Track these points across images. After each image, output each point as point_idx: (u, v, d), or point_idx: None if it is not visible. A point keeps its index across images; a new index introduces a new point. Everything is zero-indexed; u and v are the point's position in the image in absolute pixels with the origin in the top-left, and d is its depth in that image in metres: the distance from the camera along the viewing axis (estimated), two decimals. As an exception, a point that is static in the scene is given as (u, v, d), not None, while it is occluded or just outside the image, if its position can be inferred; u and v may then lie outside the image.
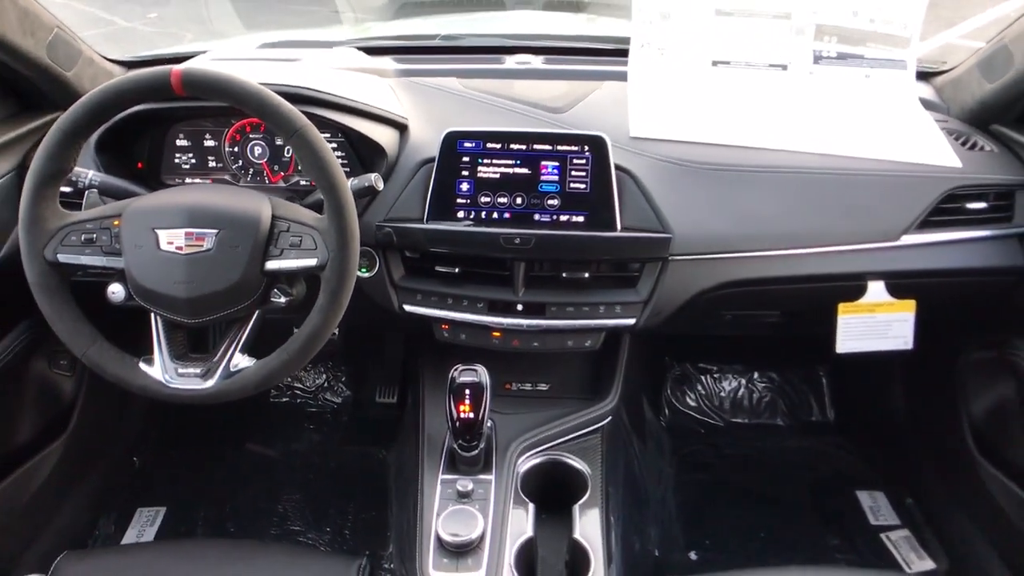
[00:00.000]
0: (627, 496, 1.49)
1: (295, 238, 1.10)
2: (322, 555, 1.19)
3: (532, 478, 1.26)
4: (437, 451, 1.28)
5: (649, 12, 1.54)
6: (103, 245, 1.10)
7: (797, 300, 1.39)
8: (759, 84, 1.52)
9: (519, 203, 1.28)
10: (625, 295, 1.30)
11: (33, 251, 1.08)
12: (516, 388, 1.43)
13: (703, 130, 1.38)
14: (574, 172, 1.27)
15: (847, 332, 1.34)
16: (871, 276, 1.31)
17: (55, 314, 1.10)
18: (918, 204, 1.29)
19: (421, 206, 1.29)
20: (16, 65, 1.27)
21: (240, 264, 1.08)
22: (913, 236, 1.29)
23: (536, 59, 1.64)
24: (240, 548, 1.22)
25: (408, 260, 1.34)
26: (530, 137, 1.27)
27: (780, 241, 1.28)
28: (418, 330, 1.40)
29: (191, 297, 1.08)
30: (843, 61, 1.53)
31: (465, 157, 1.28)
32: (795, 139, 1.37)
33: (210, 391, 1.12)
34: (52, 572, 1.10)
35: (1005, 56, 1.31)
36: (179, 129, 1.38)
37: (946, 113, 1.49)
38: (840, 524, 1.74)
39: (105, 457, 1.76)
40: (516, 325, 1.31)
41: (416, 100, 1.43)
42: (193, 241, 1.08)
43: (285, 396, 2.14)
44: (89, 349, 1.11)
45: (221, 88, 1.05)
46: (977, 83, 1.40)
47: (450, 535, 1.10)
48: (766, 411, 2.08)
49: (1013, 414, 1.45)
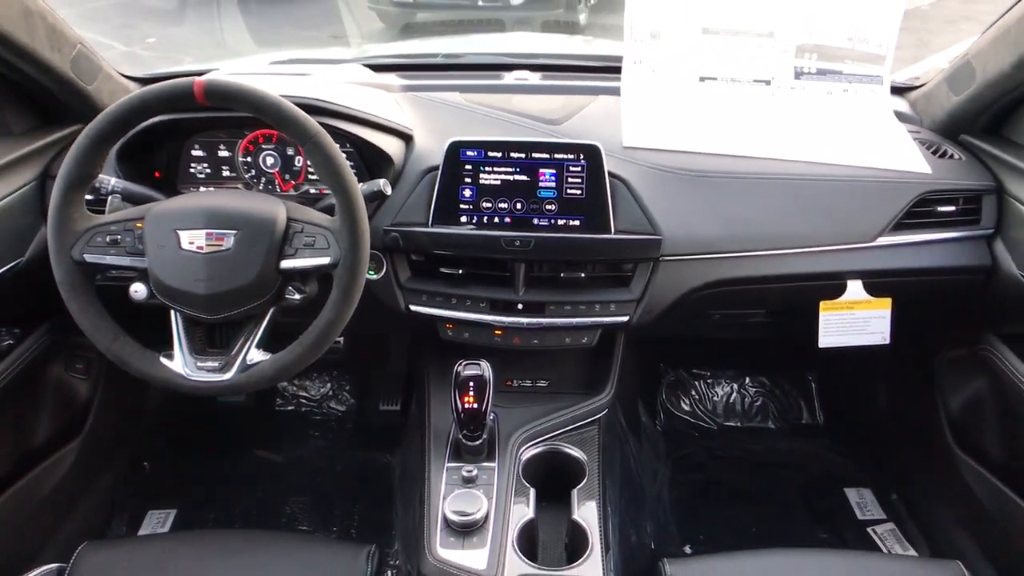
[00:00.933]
0: (623, 490, 1.55)
1: (309, 238, 1.17)
2: (332, 544, 1.25)
3: (533, 466, 1.33)
4: (443, 442, 1.34)
5: (640, 32, 1.64)
6: (127, 246, 1.17)
7: (781, 299, 1.47)
8: (744, 98, 1.61)
9: (519, 208, 1.36)
10: (619, 294, 1.37)
11: (61, 251, 1.15)
12: (517, 384, 1.49)
13: (692, 140, 1.47)
14: (570, 179, 1.35)
15: (828, 328, 1.42)
16: (849, 275, 1.39)
17: (81, 311, 1.16)
18: (892, 207, 1.38)
19: (426, 211, 1.37)
20: (42, 78, 1.34)
21: (257, 263, 1.15)
22: (888, 237, 1.38)
23: (533, 75, 1.73)
24: (253, 538, 1.27)
25: (414, 263, 1.41)
26: (529, 146, 1.35)
27: (764, 242, 1.36)
28: (423, 330, 1.47)
29: (210, 294, 1.15)
30: (823, 77, 1.62)
31: (468, 165, 1.36)
32: (778, 148, 1.46)
33: (228, 383, 1.18)
34: (73, 561, 1.15)
35: (968, 71, 1.40)
36: (195, 140, 1.46)
37: (919, 125, 1.59)
38: (829, 519, 1.80)
39: (118, 459, 1.82)
40: (517, 323, 1.38)
41: (420, 112, 1.51)
42: (213, 241, 1.15)
43: (291, 405, 2.20)
44: (113, 344, 1.18)
45: (241, 97, 1.13)
46: (945, 96, 1.50)
47: (456, 515, 1.16)
48: (758, 415, 2.15)
49: (988, 408, 1.53)
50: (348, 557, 1.19)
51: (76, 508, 1.67)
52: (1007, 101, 1.38)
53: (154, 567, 1.16)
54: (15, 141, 1.39)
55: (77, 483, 1.66)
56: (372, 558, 1.19)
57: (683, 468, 1.96)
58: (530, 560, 1.16)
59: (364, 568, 1.17)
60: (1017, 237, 1.37)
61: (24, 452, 1.53)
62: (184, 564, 1.17)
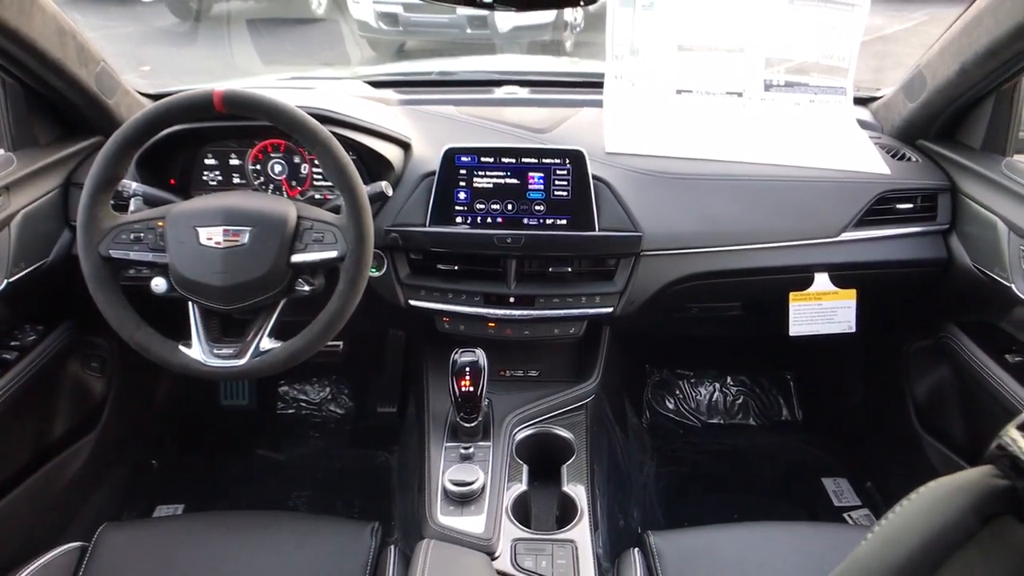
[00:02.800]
0: (611, 477, 1.64)
1: (318, 234, 1.27)
2: (338, 522, 1.33)
3: (525, 446, 1.42)
4: (441, 425, 1.43)
5: (620, 49, 1.76)
6: (149, 243, 1.27)
7: (753, 292, 1.58)
8: (718, 108, 1.73)
9: (510, 209, 1.47)
10: (604, 287, 1.48)
11: (89, 247, 1.25)
12: (510, 374, 1.59)
13: (669, 146, 1.59)
14: (557, 182, 1.47)
15: (798, 317, 1.53)
16: (816, 268, 1.51)
17: (107, 302, 1.26)
18: (855, 205, 1.50)
19: (424, 213, 1.47)
20: (69, 92, 1.45)
21: (270, 257, 1.25)
22: (851, 233, 1.50)
23: (522, 90, 1.85)
24: (264, 518, 1.35)
25: (413, 261, 1.52)
26: (519, 152, 1.47)
27: (736, 238, 1.48)
28: (421, 325, 1.57)
29: (227, 286, 1.25)
30: (791, 88, 1.75)
31: (462, 170, 1.47)
32: (749, 152, 1.58)
33: (243, 367, 1.27)
34: (95, 540, 1.23)
35: (921, 80, 1.53)
36: (208, 149, 1.56)
37: (879, 131, 1.71)
38: (807, 506, 1.90)
39: (129, 455, 1.90)
40: (509, 315, 1.49)
41: (417, 123, 1.63)
42: (230, 237, 1.25)
43: (291, 408, 2.28)
44: (136, 333, 1.27)
45: (257, 106, 1.24)
46: (902, 104, 1.62)
47: (455, 485, 1.25)
48: (739, 412, 2.25)
49: (950, 393, 1.64)
50: (353, 533, 1.28)
51: (92, 497, 1.74)
52: (956, 107, 1.51)
53: (172, 545, 1.24)
54: (41, 151, 1.49)
55: (92, 473, 1.74)
56: (376, 533, 1.28)
57: (668, 461, 2.05)
58: (524, 527, 1.25)
59: (369, 543, 1.25)
60: (970, 232, 1.49)
61: (44, 443, 1.61)
62: (200, 542, 1.25)
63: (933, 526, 0.43)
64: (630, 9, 1.72)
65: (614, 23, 1.72)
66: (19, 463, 1.53)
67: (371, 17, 6.00)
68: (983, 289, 1.44)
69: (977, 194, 1.46)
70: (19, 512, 1.50)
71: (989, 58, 1.30)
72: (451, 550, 1.16)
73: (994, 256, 1.39)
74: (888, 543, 0.45)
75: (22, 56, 1.31)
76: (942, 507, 0.44)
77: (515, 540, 1.21)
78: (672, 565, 1.23)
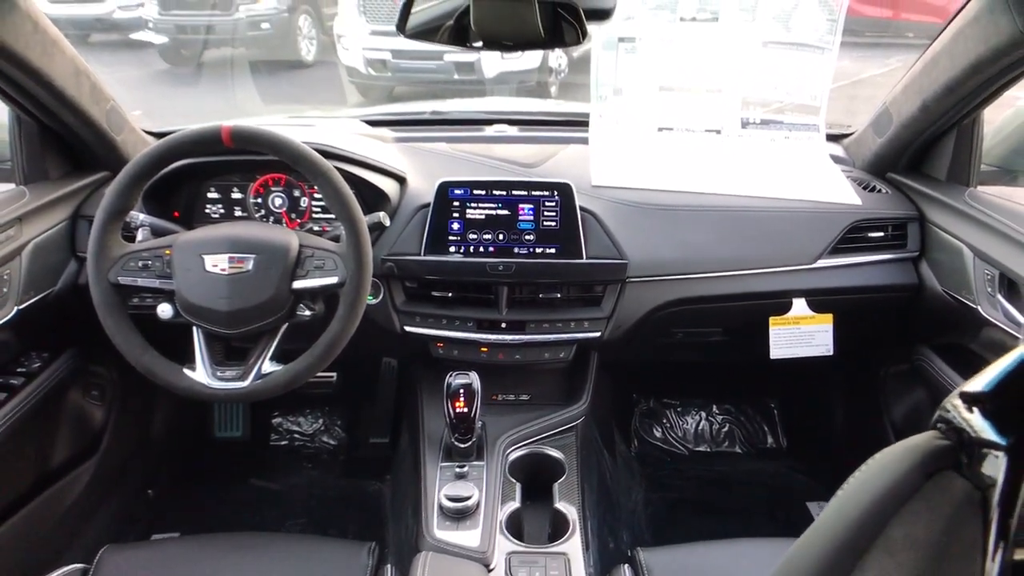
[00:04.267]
0: (601, 500, 1.68)
1: (319, 261, 1.33)
2: (336, 542, 1.36)
3: (518, 466, 1.47)
4: (436, 446, 1.48)
5: (604, 89, 1.86)
6: (156, 270, 1.33)
7: (735, 316, 1.65)
8: (697, 145, 1.82)
9: (501, 239, 1.54)
10: (591, 312, 1.55)
11: (99, 274, 1.30)
12: (501, 398, 1.64)
13: (652, 179, 1.67)
14: (546, 212, 1.54)
15: (778, 341, 1.59)
16: (794, 293, 1.58)
17: (115, 327, 1.31)
18: (829, 233, 1.58)
19: (419, 243, 1.54)
20: (81, 129, 1.52)
21: (273, 283, 1.30)
22: (826, 260, 1.57)
23: (511, 128, 1.94)
24: (264, 538, 1.39)
25: (408, 288, 1.58)
26: (509, 185, 1.54)
27: (717, 265, 1.55)
28: (416, 351, 1.62)
29: (231, 311, 1.30)
30: (766, 126, 1.84)
31: (455, 202, 1.55)
32: (727, 185, 1.66)
33: (246, 390, 1.32)
34: (96, 562, 1.25)
35: (887, 116, 1.63)
36: (211, 183, 1.63)
37: (851, 166, 1.80)
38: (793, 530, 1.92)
39: (127, 482, 1.92)
40: (501, 340, 1.55)
41: (412, 159, 1.70)
42: (235, 264, 1.31)
43: (284, 440, 2.31)
44: (142, 357, 1.32)
45: (262, 140, 1.31)
46: (872, 139, 1.72)
47: (450, 500, 1.29)
48: (725, 440, 2.30)
49: (926, 414, 1.69)
50: (351, 552, 1.31)
51: (91, 523, 1.76)
52: (922, 141, 1.60)
53: (173, 565, 1.27)
54: (51, 185, 1.56)
55: (92, 499, 1.76)
56: (373, 552, 1.31)
57: (656, 487, 2.09)
58: (518, 541, 1.29)
59: (366, 562, 1.29)
60: (938, 258, 1.57)
61: (46, 467, 1.64)
62: (200, 563, 1.28)
63: (885, 483, 0.49)
64: (613, 52, 1.82)
65: (598, 66, 1.82)
66: (22, 486, 1.56)
67: (360, 63, 6.16)
68: (953, 312, 1.51)
69: (944, 223, 1.55)
70: (20, 535, 1.52)
71: (948, 94, 1.40)
72: (448, 561, 1.20)
73: (961, 280, 1.47)
74: (845, 502, 0.51)
75: (41, 94, 1.38)
76: (892, 467, 0.50)
77: (509, 553, 1.25)
78: None
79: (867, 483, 0.50)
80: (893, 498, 0.48)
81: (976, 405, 0.50)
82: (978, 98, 1.40)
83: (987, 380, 0.50)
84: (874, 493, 0.49)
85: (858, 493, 0.51)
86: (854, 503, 0.51)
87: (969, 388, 0.51)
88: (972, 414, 0.50)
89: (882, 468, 0.50)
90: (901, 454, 0.50)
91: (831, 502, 0.53)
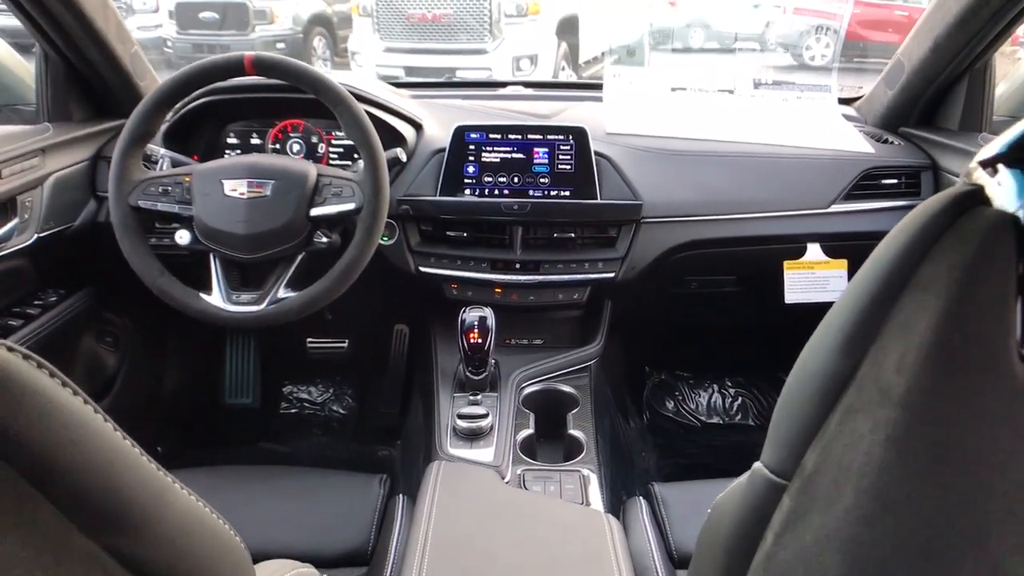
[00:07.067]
0: (614, 454, 1.67)
1: (336, 189, 1.35)
2: (347, 475, 1.35)
3: (531, 399, 1.46)
4: (449, 379, 1.47)
5: (618, 51, 1.89)
6: (176, 195, 1.35)
7: (749, 263, 1.65)
8: (711, 102, 1.84)
9: (516, 181, 1.55)
10: (606, 253, 1.55)
11: (119, 197, 1.32)
12: (515, 343, 1.63)
13: (667, 128, 1.69)
14: (561, 156, 1.56)
15: (792, 285, 1.59)
16: (809, 238, 1.58)
17: (132, 250, 1.32)
18: (842, 180, 1.58)
19: (434, 186, 1.56)
20: (105, 68, 1.55)
21: (291, 208, 1.32)
22: (840, 205, 1.58)
23: (527, 90, 1.97)
24: (276, 470, 1.38)
25: (423, 231, 1.59)
26: (525, 129, 1.56)
27: (731, 207, 1.56)
28: (430, 293, 1.63)
29: (249, 234, 1.31)
30: (778, 86, 1.87)
31: (471, 146, 1.56)
32: (742, 134, 1.68)
33: (260, 314, 1.33)
34: None
35: (899, 67, 1.64)
36: (230, 129, 1.66)
37: (863, 123, 1.82)
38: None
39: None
40: (515, 280, 1.55)
41: (429, 110, 1.73)
42: (254, 188, 1.32)
43: (294, 408, 2.30)
44: (159, 279, 1.33)
45: (284, 69, 1.33)
46: (883, 93, 1.73)
47: (464, 420, 1.29)
48: (739, 413, 2.28)
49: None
50: (362, 483, 1.31)
51: None
52: (934, 90, 1.61)
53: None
54: (74, 126, 1.58)
55: None
56: (384, 484, 1.31)
57: (670, 455, 2.06)
58: (532, 460, 1.28)
59: (377, 492, 1.28)
60: (952, 207, 1.57)
61: None
62: (212, 493, 1.27)
63: (916, 227, 0.49)
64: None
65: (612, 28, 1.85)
66: None
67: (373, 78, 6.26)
68: None
69: (957, 169, 1.55)
70: None
71: (959, 29, 1.41)
72: (461, 467, 1.19)
73: None
74: (879, 253, 0.52)
75: (70, 23, 1.41)
76: (922, 213, 0.50)
77: (524, 470, 1.24)
78: (677, 512, 1.25)
79: (899, 231, 0.51)
80: (925, 238, 0.49)
81: (996, 164, 0.50)
82: (990, 34, 1.41)
83: (1003, 143, 0.50)
84: (906, 238, 0.50)
85: (890, 241, 0.51)
86: (886, 251, 0.51)
87: (985, 155, 0.52)
88: (994, 172, 0.50)
89: (912, 217, 0.50)
90: (930, 202, 0.50)
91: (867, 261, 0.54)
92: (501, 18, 6.12)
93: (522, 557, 0.91)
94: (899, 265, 0.49)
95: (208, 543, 0.46)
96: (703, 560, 0.74)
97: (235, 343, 2.21)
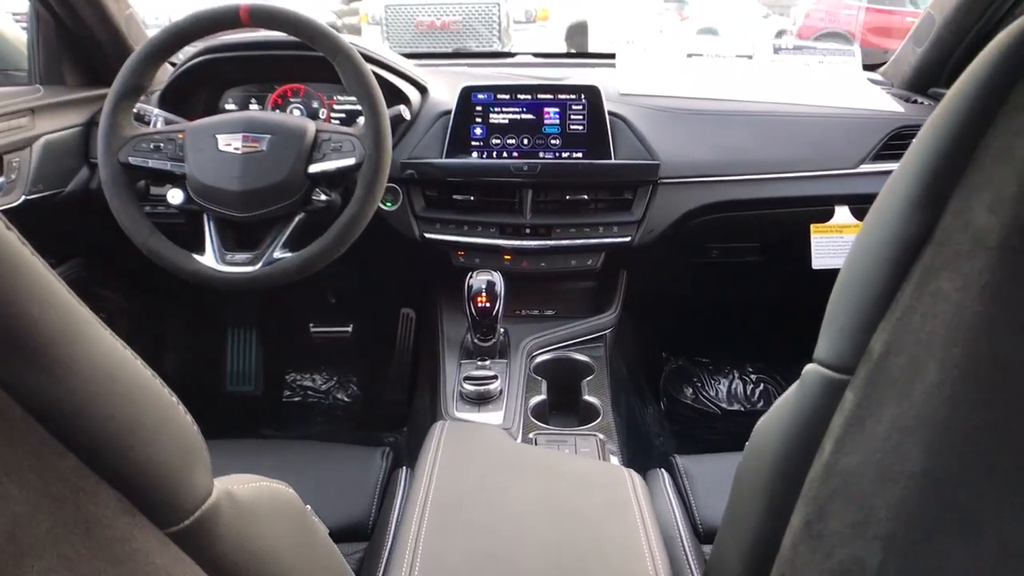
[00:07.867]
0: (631, 432, 1.57)
1: (336, 144, 1.28)
2: (350, 447, 1.28)
3: (543, 367, 1.37)
4: (456, 347, 1.39)
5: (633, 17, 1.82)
6: (168, 152, 1.28)
7: (773, 228, 1.56)
8: (728, 67, 1.76)
9: (526, 143, 1.47)
10: (621, 216, 1.46)
11: (108, 153, 1.25)
12: (525, 313, 1.55)
13: (683, 88, 1.61)
14: (573, 116, 1.48)
15: (820, 249, 1.50)
16: (836, 200, 1.49)
17: (122, 208, 1.25)
18: (871, 139, 1.50)
19: (439, 149, 1.48)
20: (99, 30, 1.49)
21: (288, 163, 1.25)
22: (869, 165, 1.49)
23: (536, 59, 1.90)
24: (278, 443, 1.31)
25: (428, 196, 1.51)
26: (535, 88, 1.48)
27: (755, 167, 1.47)
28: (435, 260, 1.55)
29: (243, 190, 1.24)
30: (799, 51, 1.79)
31: (478, 107, 1.49)
32: (763, 95, 1.59)
33: (255, 274, 1.25)
34: None
35: (929, 21, 1.56)
36: (228, 94, 1.59)
37: (890, 87, 1.73)
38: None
39: None
40: (525, 246, 1.47)
41: (434, 75, 1.66)
42: (249, 143, 1.25)
43: (297, 396, 2.23)
44: (149, 239, 1.26)
45: (281, 18, 1.26)
46: (911, 52, 1.65)
47: (471, 384, 1.20)
48: (760, 400, 2.18)
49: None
50: (364, 455, 1.23)
51: None
52: (967, 44, 1.53)
53: None
54: (67, 90, 1.52)
55: None
56: (387, 456, 1.23)
57: (688, 441, 1.97)
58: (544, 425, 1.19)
59: (380, 464, 1.20)
60: (987, 167, 1.48)
61: None
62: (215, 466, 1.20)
63: (1011, 40, 0.41)
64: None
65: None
66: None
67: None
68: None
69: (991, 125, 1.46)
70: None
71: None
72: (467, 425, 1.10)
73: None
74: (965, 77, 0.44)
75: None
76: (1017, 27, 0.42)
77: (536, 433, 1.15)
78: (701, 484, 1.17)
79: (986, 56, 0.43)
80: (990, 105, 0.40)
81: None
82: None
83: None
84: (999, 55, 0.41)
85: (976, 67, 0.43)
86: (972, 77, 0.43)
87: None
88: None
89: (1005, 36, 0.42)
90: (993, 45, 0.42)
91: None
92: (510, 24, 6.10)
93: (534, 509, 0.82)
94: (990, 87, 0.41)
95: (134, 391, 0.38)
96: (743, 496, 0.65)
97: (237, 328, 2.14)
